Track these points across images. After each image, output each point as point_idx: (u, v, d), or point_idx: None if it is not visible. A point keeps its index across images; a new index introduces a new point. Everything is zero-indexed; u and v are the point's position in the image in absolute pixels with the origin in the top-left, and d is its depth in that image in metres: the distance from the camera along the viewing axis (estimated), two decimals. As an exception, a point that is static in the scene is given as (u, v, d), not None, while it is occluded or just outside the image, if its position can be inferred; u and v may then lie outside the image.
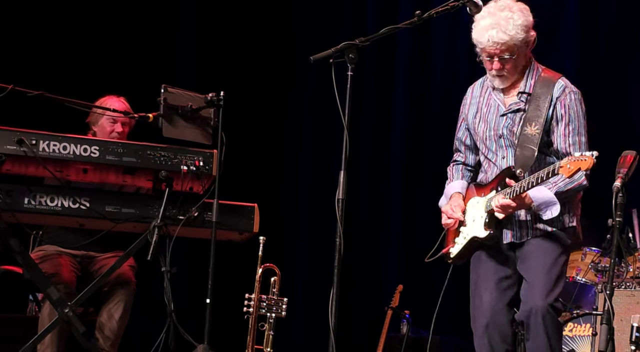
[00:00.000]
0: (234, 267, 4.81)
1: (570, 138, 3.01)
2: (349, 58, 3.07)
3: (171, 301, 3.61)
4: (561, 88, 3.03)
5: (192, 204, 3.69)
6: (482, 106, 3.17)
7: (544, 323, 2.89)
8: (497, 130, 3.09)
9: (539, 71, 3.09)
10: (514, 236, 3.05)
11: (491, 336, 3.02)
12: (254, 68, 5.92)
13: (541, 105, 3.01)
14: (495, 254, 3.09)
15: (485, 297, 3.07)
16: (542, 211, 2.96)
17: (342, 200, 3.08)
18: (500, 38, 2.96)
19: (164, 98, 3.63)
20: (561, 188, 2.94)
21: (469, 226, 3.08)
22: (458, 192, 3.20)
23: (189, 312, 3.99)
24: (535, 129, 2.98)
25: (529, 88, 3.06)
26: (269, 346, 3.80)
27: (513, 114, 3.08)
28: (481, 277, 3.11)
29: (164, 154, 3.63)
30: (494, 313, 3.03)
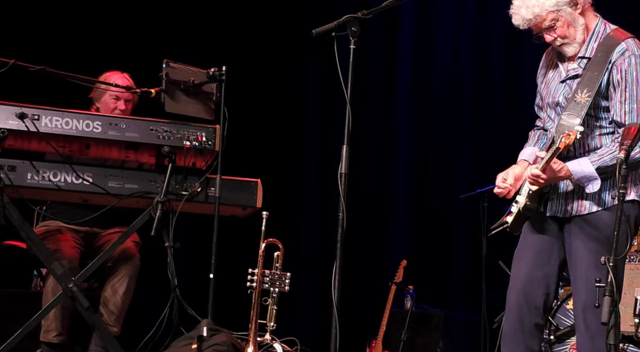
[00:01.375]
0: (237, 242, 4.82)
1: (627, 105, 2.84)
2: (351, 31, 3.04)
3: (175, 276, 3.62)
4: (621, 51, 2.85)
5: (195, 180, 3.69)
6: (548, 71, 3.06)
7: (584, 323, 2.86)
8: (555, 97, 2.98)
9: (606, 32, 2.92)
10: (557, 210, 2.97)
11: (521, 307, 2.98)
12: (257, 42, 5.87)
13: (597, 70, 2.85)
14: (540, 226, 3.01)
15: (522, 268, 3.01)
16: (584, 184, 2.86)
17: (345, 174, 3.07)
18: (531, 13, 2.86)
19: (166, 73, 3.62)
20: (606, 162, 2.82)
21: (521, 195, 3.02)
22: (524, 159, 3.09)
23: (193, 287, 4.01)
24: (586, 95, 2.84)
25: (590, 52, 2.90)
26: (272, 321, 3.81)
27: (571, 80, 2.94)
28: (523, 247, 3.05)
29: (166, 130, 3.63)
30: (527, 285, 2.98)
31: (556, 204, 2.99)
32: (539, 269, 3.00)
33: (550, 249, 3.02)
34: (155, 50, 5.00)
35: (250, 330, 3.66)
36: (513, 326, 2.99)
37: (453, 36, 6.19)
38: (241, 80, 4.76)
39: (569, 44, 2.95)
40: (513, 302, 3.00)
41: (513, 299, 3.00)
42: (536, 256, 3.00)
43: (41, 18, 5.32)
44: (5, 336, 3.48)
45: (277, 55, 5.95)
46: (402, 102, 6.27)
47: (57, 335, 3.75)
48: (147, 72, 3.86)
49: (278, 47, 5.93)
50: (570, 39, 2.93)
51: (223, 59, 3.90)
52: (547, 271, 3.01)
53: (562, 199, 2.97)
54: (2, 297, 4.20)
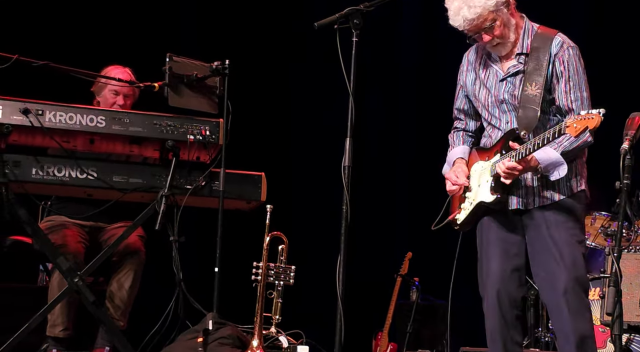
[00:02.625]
0: (242, 236, 4.82)
1: (572, 94, 2.95)
2: (353, 24, 3.05)
3: (180, 269, 3.63)
4: (559, 44, 2.97)
5: (199, 174, 3.70)
6: (479, 72, 3.13)
7: (567, 306, 2.87)
8: (498, 95, 3.05)
9: (534, 29, 3.03)
10: (520, 203, 3.01)
11: (501, 302, 3.01)
12: (259, 35, 5.86)
13: (540, 64, 2.95)
14: (502, 220, 3.06)
15: (492, 264, 3.04)
16: (550, 172, 2.91)
17: (349, 167, 3.07)
18: (473, 13, 2.93)
19: (169, 67, 3.62)
20: (567, 147, 2.90)
21: (474, 191, 3.05)
22: (460, 157, 3.17)
23: (198, 281, 4.02)
24: (536, 88, 2.93)
25: (526, 48, 3.00)
26: (278, 314, 3.82)
27: (513, 77, 3.03)
28: (488, 243, 3.08)
29: (170, 124, 3.63)
30: (503, 280, 3.02)
31: (518, 196, 3.02)
32: (511, 262, 3.04)
33: (517, 241, 3.06)
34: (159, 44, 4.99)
35: (256, 323, 3.68)
36: (496, 322, 3.02)
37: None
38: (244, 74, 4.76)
39: (504, 44, 3.03)
40: (492, 298, 3.02)
41: (491, 295, 3.02)
42: (506, 250, 3.04)
43: (44, 13, 5.32)
44: (12, 330, 3.49)
45: (280, 47, 5.94)
46: (407, 94, 6.26)
47: (64, 329, 3.77)
48: (151, 67, 3.86)
49: (280, 40, 5.92)
50: (505, 39, 3.02)
51: (225, 53, 3.89)
52: (517, 263, 3.05)
53: (523, 192, 3.01)
54: (8, 292, 4.22)
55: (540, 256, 2.98)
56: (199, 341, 3.39)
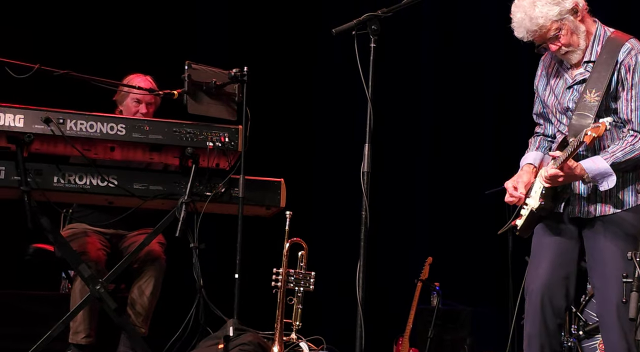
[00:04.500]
0: (262, 242, 4.83)
1: (633, 103, 2.87)
2: (371, 30, 3.04)
3: (200, 276, 3.64)
4: (627, 51, 2.89)
5: (218, 180, 3.71)
6: (550, 79, 3.08)
7: (619, 321, 2.85)
8: (563, 103, 3.00)
9: (606, 35, 2.96)
10: (579, 211, 2.97)
11: (545, 309, 2.98)
12: (278, 41, 5.88)
13: (604, 71, 2.88)
14: (558, 227, 3.01)
15: (541, 269, 3.01)
16: (599, 182, 2.85)
17: (368, 173, 3.07)
18: (535, 25, 2.87)
19: (188, 75, 3.64)
20: (619, 158, 2.83)
21: (531, 197, 3.01)
22: (529, 163, 3.10)
23: (219, 287, 4.02)
24: (595, 95, 2.86)
25: (595, 55, 2.95)
26: (298, 320, 3.81)
27: (579, 85, 2.97)
28: (540, 248, 3.04)
29: (189, 131, 3.65)
30: (550, 287, 2.98)
31: (577, 205, 2.97)
32: (561, 269, 2.99)
33: (571, 249, 3.01)
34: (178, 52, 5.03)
35: (276, 329, 3.68)
36: (537, 328, 2.98)
37: (479, 34, 6.15)
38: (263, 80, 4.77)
39: (573, 52, 2.97)
40: (536, 303, 2.98)
41: (536, 300, 2.98)
42: (558, 257, 2.99)
43: (64, 22, 5.37)
44: (35, 337, 3.52)
45: (299, 54, 5.95)
46: (426, 100, 6.25)
47: (86, 337, 3.79)
48: (170, 74, 3.88)
49: (299, 46, 5.93)
50: (574, 47, 2.95)
51: (245, 59, 3.91)
52: (568, 271, 3.00)
53: (583, 200, 2.96)
54: (31, 300, 4.26)
55: (596, 268, 2.95)
56: (220, 348, 3.40)
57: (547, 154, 3.12)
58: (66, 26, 5.35)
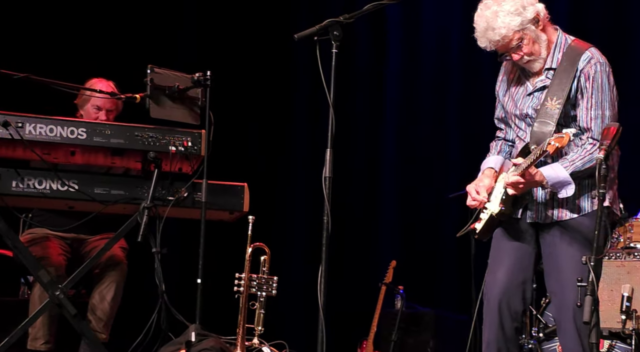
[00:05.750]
0: (225, 247, 4.82)
1: (592, 111, 2.90)
2: (333, 35, 3.04)
3: (162, 281, 3.62)
4: (587, 59, 2.92)
5: (181, 185, 3.69)
6: (511, 85, 3.10)
7: (575, 324, 2.88)
8: (523, 110, 3.03)
9: (567, 43, 2.99)
10: (537, 217, 3.00)
11: (502, 313, 3.01)
12: (241, 45, 5.87)
13: (564, 79, 2.91)
14: (516, 232, 3.05)
15: (499, 274, 3.04)
16: (558, 190, 2.89)
17: (329, 178, 3.07)
18: (498, 35, 2.89)
19: (150, 79, 3.61)
20: (578, 167, 2.86)
21: (491, 202, 3.04)
22: (490, 167, 3.13)
23: (181, 292, 4.01)
24: (556, 103, 2.89)
25: (556, 63, 2.97)
26: (260, 325, 3.81)
27: (539, 92, 3.00)
28: (499, 253, 3.07)
29: (151, 135, 3.62)
30: (507, 291, 3.01)
31: (535, 210, 3.01)
32: (519, 274, 3.03)
33: (528, 254, 3.05)
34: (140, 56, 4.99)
35: (238, 334, 3.67)
36: (495, 333, 3.01)
37: (441, 38, 6.22)
38: (227, 85, 4.77)
39: (535, 60, 3.00)
40: (494, 308, 3.01)
41: (494, 305, 3.02)
42: (515, 262, 3.03)
43: (25, 25, 5.30)
44: (-7, 344, 3.47)
45: (264, 58, 5.95)
46: (390, 105, 6.30)
47: (45, 343, 3.75)
48: (132, 79, 3.86)
49: (264, 51, 5.93)
50: (536, 55, 2.98)
51: (208, 63, 3.90)
52: (526, 276, 3.04)
53: (541, 205, 3.00)
54: (-11, 305, 4.19)
55: (553, 273, 2.99)
56: (182, 353, 3.39)
57: (508, 158, 3.15)
58: (26, 29, 5.29)
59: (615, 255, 4.23)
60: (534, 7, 2.94)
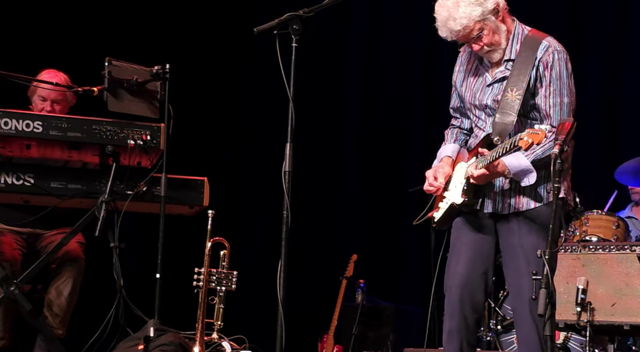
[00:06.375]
0: (185, 241, 4.79)
1: (551, 99, 2.94)
2: (293, 29, 3.04)
3: (120, 276, 3.59)
4: (544, 48, 2.95)
5: (140, 179, 3.66)
6: (468, 75, 3.12)
7: (531, 315, 2.91)
8: (482, 100, 3.05)
9: (524, 34, 3.01)
10: (495, 207, 3.03)
11: (464, 304, 3.02)
12: (202, 37, 5.83)
13: (524, 69, 2.93)
14: (476, 222, 3.06)
15: (460, 266, 3.04)
16: (520, 178, 2.92)
17: (289, 172, 3.07)
18: (459, 25, 2.91)
19: (108, 71, 3.58)
20: (539, 155, 2.89)
21: (451, 191, 3.05)
22: (448, 155, 3.14)
23: (140, 287, 3.97)
24: (517, 93, 2.92)
25: (514, 54, 2.99)
26: (220, 319, 3.80)
27: (499, 83, 3.02)
28: (458, 244, 3.08)
29: (109, 129, 3.59)
30: (468, 282, 3.02)
31: (493, 201, 3.04)
32: (479, 265, 3.05)
33: (488, 245, 3.07)
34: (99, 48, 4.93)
35: (197, 329, 3.66)
36: (457, 323, 3.02)
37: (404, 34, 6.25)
38: (187, 78, 4.73)
39: (495, 51, 3.02)
40: (455, 299, 3.03)
41: (455, 296, 3.03)
42: (475, 252, 3.05)
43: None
44: (-54, 341, 3.40)
45: (225, 51, 5.92)
46: (351, 99, 6.31)
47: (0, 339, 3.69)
48: (90, 71, 3.81)
49: (225, 43, 5.90)
50: (496, 46, 3.01)
51: (168, 57, 3.86)
52: (486, 267, 3.06)
53: (499, 196, 3.03)
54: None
55: (511, 263, 3.01)
56: (140, 348, 3.36)
57: (464, 147, 3.18)
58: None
59: (571, 248, 4.28)
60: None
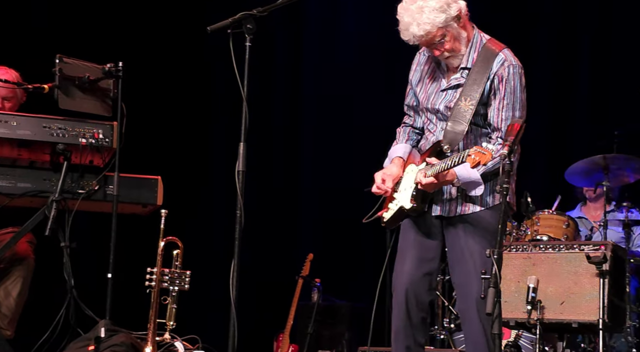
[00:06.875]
0: (138, 241, 4.75)
1: (504, 113, 2.97)
2: (246, 28, 3.04)
3: (71, 276, 3.55)
4: (500, 61, 2.99)
5: (92, 178, 3.64)
6: (425, 76, 3.15)
7: (479, 315, 2.96)
8: (435, 105, 3.08)
9: (482, 43, 3.05)
10: (442, 210, 3.07)
11: (409, 303, 3.07)
12: (155, 36, 5.77)
13: (478, 80, 2.98)
14: (423, 225, 3.11)
15: (406, 265, 3.09)
16: (468, 189, 2.98)
17: (243, 172, 3.07)
18: (422, 30, 2.93)
19: (59, 69, 3.54)
20: (489, 168, 2.94)
21: (401, 193, 3.09)
22: (399, 156, 3.17)
23: (91, 287, 3.94)
24: (469, 103, 2.96)
25: (471, 62, 3.02)
26: (172, 320, 3.78)
27: (453, 90, 3.04)
28: (405, 245, 3.13)
29: (61, 127, 3.56)
30: (413, 282, 3.07)
31: (440, 204, 3.09)
32: (424, 266, 3.10)
33: (434, 246, 3.13)
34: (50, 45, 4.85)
35: (149, 329, 3.63)
36: (403, 322, 3.07)
37: (360, 33, 6.28)
38: (141, 76, 4.69)
39: (455, 57, 3.06)
40: (401, 299, 3.08)
41: (401, 296, 3.08)
42: (421, 254, 3.10)
43: None
44: None
45: (181, 49, 5.87)
46: (308, 101, 6.33)
47: (-54, 340, 3.62)
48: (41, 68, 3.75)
49: (181, 41, 5.85)
50: (456, 52, 3.04)
51: (121, 54, 3.83)
52: (431, 267, 3.11)
53: (447, 200, 3.08)
54: None
55: (457, 265, 3.06)
56: (90, 349, 3.33)
57: (415, 147, 3.21)
58: None
59: (522, 247, 4.35)
60: (457, 4, 3.00)
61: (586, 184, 5.19)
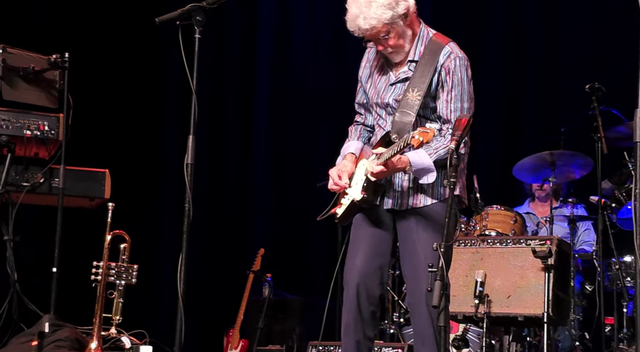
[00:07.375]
0: (85, 234, 4.68)
1: (452, 104, 3.00)
2: (196, 20, 3.02)
3: (15, 270, 3.49)
4: (447, 54, 3.02)
5: (37, 170, 3.58)
6: (374, 72, 3.16)
7: (427, 308, 2.96)
8: (384, 99, 3.09)
9: (429, 36, 3.07)
10: (393, 203, 3.08)
11: (360, 297, 3.07)
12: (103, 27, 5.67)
13: (426, 71, 3.00)
14: (375, 218, 3.12)
15: (357, 259, 3.10)
16: (420, 176, 3.00)
17: (191, 165, 3.05)
18: (367, 24, 2.95)
19: (2, 59, 3.49)
20: (441, 156, 2.96)
21: (352, 188, 3.09)
22: (351, 152, 3.17)
23: (35, 281, 3.86)
24: (417, 94, 2.99)
25: (418, 55, 3.05)
26: (119, 314, 3.74)
27: (402, 83, 3.05)
28: (357, 239, 3.13)
29: (4, 118, 3.51)
30: (364, 276, 3.08)
31: (392, 198, 3.11)
32: (376, 260, 3.11)
33: (386, 240, 3.14)
34: None
35: (95, 324, 3.58)
36: (353, 316, 3.09)
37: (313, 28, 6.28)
38: (89, 67, 4.62)
39: (398, 53, 3.09)
40: (352, 292, 3.09)
41: (352, 289, 3.09)
42: (372, 247, 3.11)
43: None
44: None
45: (131, 39, 5.78)
46: (261, 95, 6.31)
47: None
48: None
49: (127, 32, 5.76)
50: (399, 49, 3.07)
51: (68, 45, 3.76)
52: (382, 261, 3.13)
53: (397, 193, 3.10)
54: None
55: (408, 258, 3.08)
56: (34, 344, 3.27)
57: (367, 143, 3.24)
58: None
59: (471, 242, 4.40)
60: (406, 2, 3.02)
61: (534, 180, 5.29)
